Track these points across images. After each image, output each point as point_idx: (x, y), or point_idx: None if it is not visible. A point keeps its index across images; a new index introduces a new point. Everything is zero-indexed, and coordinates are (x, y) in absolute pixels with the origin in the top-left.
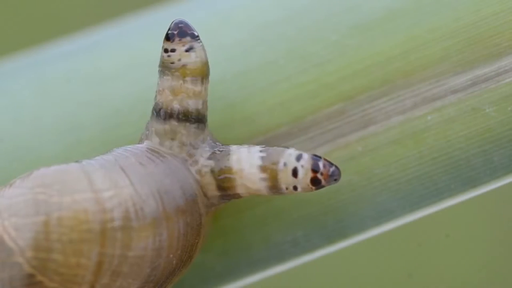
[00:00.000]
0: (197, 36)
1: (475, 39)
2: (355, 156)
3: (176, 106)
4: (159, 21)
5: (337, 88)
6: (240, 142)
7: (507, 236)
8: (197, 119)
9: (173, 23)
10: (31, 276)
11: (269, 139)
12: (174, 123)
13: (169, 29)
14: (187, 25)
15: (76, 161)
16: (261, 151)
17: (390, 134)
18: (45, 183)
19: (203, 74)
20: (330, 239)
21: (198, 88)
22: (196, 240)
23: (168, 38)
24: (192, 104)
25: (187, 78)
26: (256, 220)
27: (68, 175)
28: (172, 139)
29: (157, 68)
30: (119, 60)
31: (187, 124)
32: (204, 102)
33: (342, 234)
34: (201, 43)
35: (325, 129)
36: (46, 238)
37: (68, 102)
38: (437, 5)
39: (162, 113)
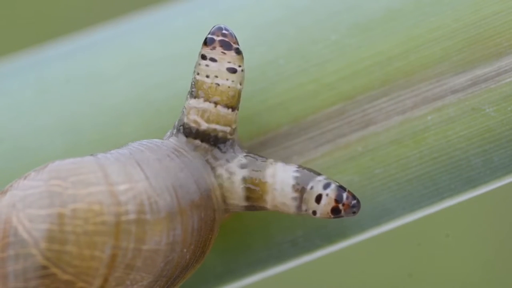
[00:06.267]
0: (241, 52)
1: (475, 39)
2: (355, 156)
3: (202, 128)
4: (159, 21)
5: (337, 88)
6: (240, 142)
7: (507, 236)
8: (223, 141)
9: (216, 27)
10: (44, 268)
11: (269, 139)
12: (197, 142)
13: (209, 33)
14: (231, 35)
15: (91, 155)
16: (295, 171)
17: (390, 134)
18: (60, 176)
19: (233, 104)
20: (330, 239)
21: (229, 115)
22: (210, 236)
23: (207, 43)
24: (219, 129)
25: (218, 106)
26: (256, 220)
27: (83, 168)
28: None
29: (157, 68)
30: (119, 60)
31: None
32: (233, 128)
33: (342, 234)
34: (243, 68)
35: (325, 129)
36: (60, 229)
37: (68, 102)
38: (437, 5)
39: (186, 132)
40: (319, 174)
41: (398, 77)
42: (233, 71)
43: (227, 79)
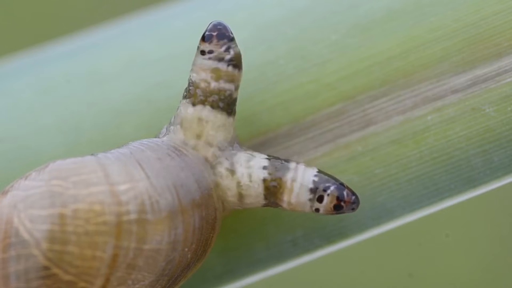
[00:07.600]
0: (233, 39)
1: (475, 39)
2: (355, 156)
3: (213, 85)
4: (159, 21)
5: (337, 88)
6: (239, 140)
7: (507, 236)
8: (228, 105)
9: (212, 24)
10: (46, 268)
11: (269, 139)
12: (207, 108)
13: (206, 30)
14: (225, 27)
15: (92, 154)
16: (315, 175)
17: (390, 134)
18: (61, 176)
19: (239, 64)
20: (330, 239)
21: (236, 72)
22: (211, 235)
23: (204, 39)
24: (227, 87)
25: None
26: (256, 220)
27: (84, 168)
28: (198, 136)
29: (157, 68)
30: (119, 60)
31: (218, 113)
32: (237, 88)
33: (342, 234)
34: (237, 46)
35: (325, 129)
36: (61, 230)
37: (68, 102)
38: (437, 5)
39: (198, 93)
40: (335, 180)
41: (398, 77)
42: (229, 48)
43: (227, 55)
